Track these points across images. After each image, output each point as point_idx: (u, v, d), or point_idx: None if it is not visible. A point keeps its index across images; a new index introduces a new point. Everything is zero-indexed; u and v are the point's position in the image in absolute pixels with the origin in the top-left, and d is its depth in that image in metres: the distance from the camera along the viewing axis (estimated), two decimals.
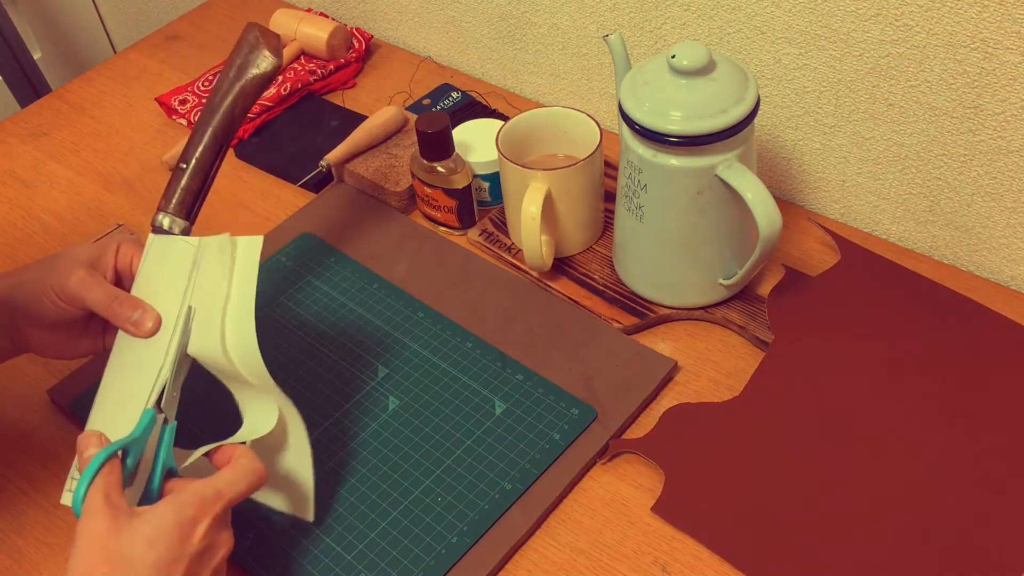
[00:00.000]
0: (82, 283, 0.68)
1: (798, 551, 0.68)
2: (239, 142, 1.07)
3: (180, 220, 0.72)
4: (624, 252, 0.84)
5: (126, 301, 0.68)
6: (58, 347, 0.73)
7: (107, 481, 0.59)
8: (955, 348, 0.78)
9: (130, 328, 0.68)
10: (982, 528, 0.68)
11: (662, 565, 0.69)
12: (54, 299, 0.69)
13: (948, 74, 0.78)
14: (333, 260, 0.91)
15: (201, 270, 0.69)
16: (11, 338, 0.72)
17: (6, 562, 0.73)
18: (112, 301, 0.68)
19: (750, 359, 0.81)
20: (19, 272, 0.72)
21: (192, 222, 0.73)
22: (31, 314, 0.70)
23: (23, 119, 1.15)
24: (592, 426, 0.76)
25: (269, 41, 0.74)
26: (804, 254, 0.89)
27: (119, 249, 0.71)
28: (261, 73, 0.73)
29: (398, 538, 0.71)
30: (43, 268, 0.70)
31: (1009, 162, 0.79)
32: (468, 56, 1.13)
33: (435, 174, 0.89)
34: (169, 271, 0.70)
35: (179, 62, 1.20)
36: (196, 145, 0.73)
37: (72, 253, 0.70)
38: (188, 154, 0.73)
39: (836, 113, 0.86)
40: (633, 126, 0.74)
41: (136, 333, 0.68)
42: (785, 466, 0.72)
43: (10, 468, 0.79)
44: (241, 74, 0.73)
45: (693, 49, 0.72)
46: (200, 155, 0.73)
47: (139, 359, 0.68)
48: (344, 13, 1.23)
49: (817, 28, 0.82)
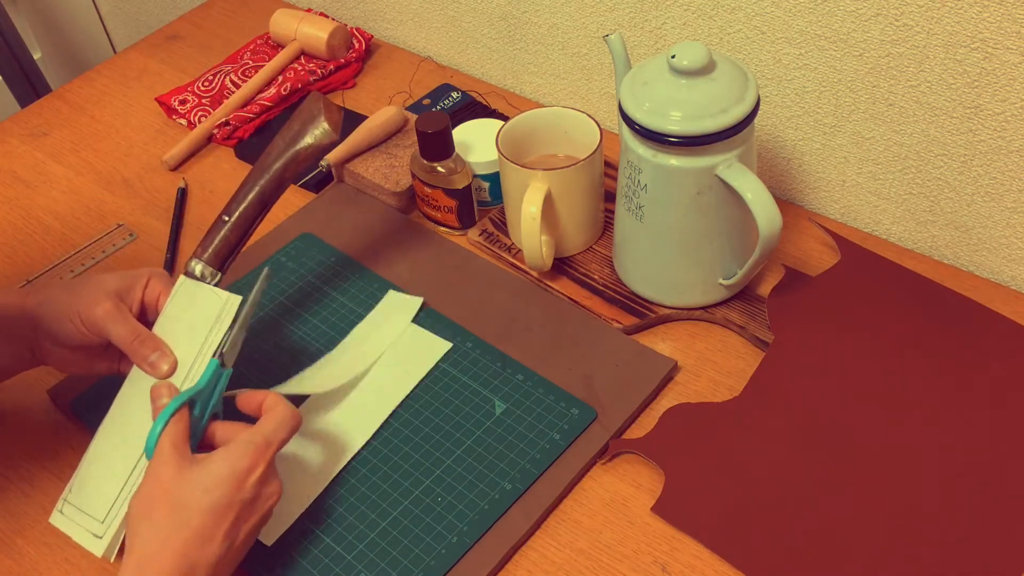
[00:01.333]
0: (108, 315, 0.70)
1: (798, 551, 0.68)
2: (239, 142, 1.07)
3: (212, 270, 0.74)
4: (624, 252, 0.84)
5: (148, 341, 0.70)
6: (76, 366, 0.75)
7: (176, 430, 0.65)
8: (955, 348, 0.78)
9: (147, 368, 0.70)
10: (982, 528, 0.68)
11: (662, 565, 0.69)
12: (78, 324, 0.70)
13: (948, 74, 0.78)
14: (333, 260, 0.91)
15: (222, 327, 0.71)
16: (32, 350, 0.74)
17: (6, 562, 0.73)
18: (134, 340, 0.70)
19: (750, 359, 0.81)
20: (47, 290, 0.73)
21: (224, 273, 0.75)
22: (54, 332, 0.72)
23: (23, 119, 1.15)
24: (592, 426, 0.76)
25: (331, 115, 0.77)
26: (804, 254, 0.89)
27: (148, 283, 0.73)
28: (316, 144, 0.76)
29: (398, 538, 0.71)
30: (71, 291, 0.72)
31: (1009, 162, 0.79)
32: (468, 56, 1.13)
33: (435, 174, 0.89)
34: (194, 317, 0.72)
35: (179, 62, 1.20)
36: (241, 200, 0.76)
37: (103, 281, 0.72)
38: (232, 207, 0.75)
39: (836, 113, 0.86)
40: (633, 126, 0.74)
41: (152, 374, 0.70)
42: (785, 466, 0.72)
43: (10, 468, 0.79)
44: (297, 140, 0.76)
45: (693, 49, 0.72)
46: (244, 211, 0.75)
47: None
48: (344, 13, 1.23)
49: (817, 28, 0.82)
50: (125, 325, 0.70)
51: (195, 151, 1.07)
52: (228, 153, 1.07)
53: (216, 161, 1.06)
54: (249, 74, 1.13)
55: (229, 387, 0.70)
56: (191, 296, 0.73)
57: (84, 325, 0.70)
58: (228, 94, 1.11)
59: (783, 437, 0.74)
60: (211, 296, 0.72)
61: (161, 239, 0.97)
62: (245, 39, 1.22)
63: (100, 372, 0.76)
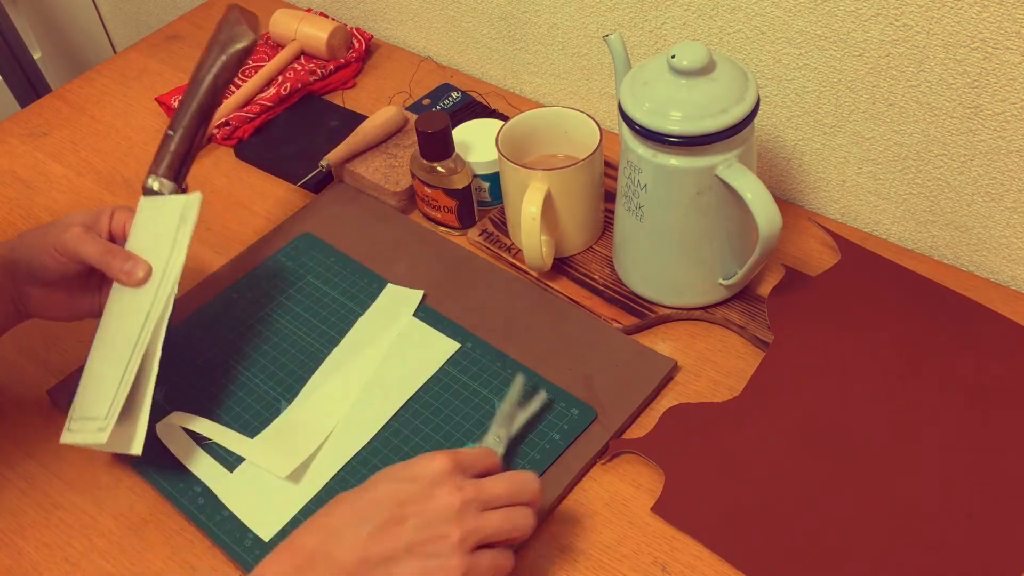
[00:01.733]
0: (79, 237, 0.74)
1: (798, 551, 0.68)
2: (239, 142, 1.07)
3: (168, 182, 0.79)
4: (624, 252, 0.84)
5: (119, 253, 0.74)
6: (59, 307, 0.78)
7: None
8: (955, 348, 0.78)
9: (123, 277, 0.74)
10: (982, 528, 0.68)
11: (662, 565, 0.69)
12: (53, 254, 0.74)
13: (948, 74, 0.78)
14: (333, 260, 0.91)
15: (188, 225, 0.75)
16: (13, 302, 0.77)
17: (6, 562, 0.73)
18: (105, 253, 0.74)
19: (750, 359, 0.81)
20: (18, 236, 0.77)
21: (180, 184, 0.79)
22: (32, 270, 0.75)
23: (23, 119, 1.15)
24: (592, 426, 0.76)
25: (248, 20, 0.82)
26: (804, 254, 0.89)
27: (113, 215, 0.77)
28: (242, 47, 0.80)
29: None
30: (43, 230, 0.76)
31: (1009, 162, 0.79)
32: (468, 56, 1.13)
33: (435, 174, 0.89)
34: (159, 228, 0.76)
35: (179, 62, 1.20)
36: (183, 115, 0.80)
37: (70, 216, 0.76)
38: (176, 122, 0.80)
39: (836, 113, 0.86)
40: (633, 126, 0.74)
41: (128, 282, 0.74)
42: (785, 466, 0.72)
43: (10, 468, 0.79)
44: (224, 49, 0.80)
45: (693, 49, 0.72)
46: (187, 123, 0.80)
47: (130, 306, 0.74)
48: (344, 13, 1.23)
49: (817, 28, 0.82)
50: (96, 243, 0.74)
51: None
52: (228, 153, 1.07)
53: (216, 161, 1.06)
54: (249, 74, 1.13)
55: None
56: (153, 210, 0.77)
57: (58, 252, 0.74)
58: (228, 94, 1.11)
59: (783, 437, 0.74)
60: (172, 203, 0.77)
61: None
62: None
63: (84, 311, 0.78)
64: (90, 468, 0.78)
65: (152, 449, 0.77)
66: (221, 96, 0.81)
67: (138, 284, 0.73)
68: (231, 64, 0.80)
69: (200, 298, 0.89)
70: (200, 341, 0.85)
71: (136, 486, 0.77)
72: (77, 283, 0.77)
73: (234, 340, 0.85)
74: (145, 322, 0.72)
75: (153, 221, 0.76)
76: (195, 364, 0.83)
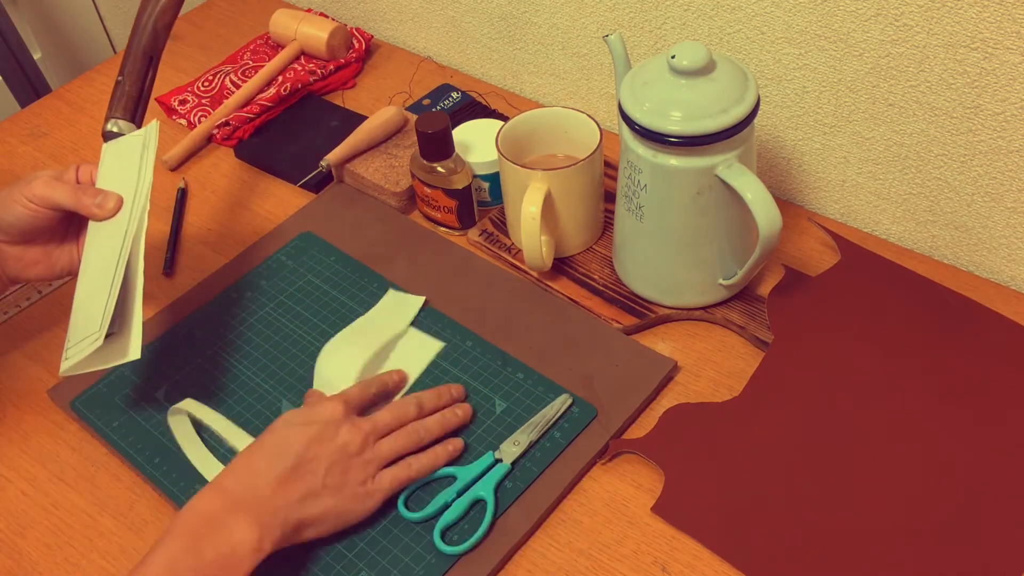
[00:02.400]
0: (48, 184, 0.76)
1: (798, 551, 0.68)
2: (239, 142, 1.07)
3: (126, 123, 0.84)
4: (624, 252, 0.84)
5: (88, 189, 0.77)
6: (36, 265, 0.79)
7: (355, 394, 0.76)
8: (955, 348, 0.78)
9: (96, 211, 0.76)
10: (982, 528, 0.68)
11: (662, 565, 0.69)
12: (24, 203, 0.76)
13: (948, 74, 0.78)
14: (333, 260, 0.91)
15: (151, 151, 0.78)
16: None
17: (6, 562, 0.73)
18: (75, 191, 0.76)
19: (750, 359, 0.81)
20: None
21: (138, 124, 0.83)
22: (7, 224, 0.77)
23: (23, 119, 1.15)
24: (592, 426, 0.76)
25: None
26: (804, 254, 0.89)
27: (79, 167, 0.80)
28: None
29: (399, 536, 0.71)
30: (12, 185, 0.78)
31: (1009, 162, 0.79)
32: (468, 56, 1.13)
33: (435, 174, 0.89)
34: (124, 162, 0.79)
35: (179, 62, 1.20)
36: (129, 58, 0.86)
37: (36, 172, 0.79)
38: (124, 68, 0.86)
39: (836, 113, 0.86)
40: (633, 126, 0.74)
41: (100, 215, 0.76)
42: (785, 466, 0.72)
43: (10, 468, 0.79)
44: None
45: (693, 49, 0.72)
46: (133, 67, 0.86)
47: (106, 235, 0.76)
48: (344, 13, 1.23)
49: (817, 28, 0.82)
50: (65, 185, 0.76)
51: (195, 151, 1.07)
52: (228, 153, 1.07)
53: (216, 161, 1.06)
54: (249, 74, 1.13)
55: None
56: (116, 151, 0.80)
57: (29, 200, 0.75)
58: (228, 94, 1.11)
59: (783, 437, 0.74)
60: (132, 138, 0.80)
61: (161, 239, 0.97)
62: (245, 39, 1.22)
63: (63, 269, 0.80)
64: (90, 468, 0.78)
65: (152, 448, 0.77)
66: (163, 39, 0.86)
67: (111, 215, 0.75)
68: (167, 8, 0.85)
69: (200, 298, 0.89)
70: (201, 340, 0.85)
71: (136, 486, 0.77)
72: (51, 237, 0.79)
73: (234, 339, 0.85)
74: (124, 240, 0.74)
75: (117, 159, 0.79)
76: (196, 363, 0.83)
